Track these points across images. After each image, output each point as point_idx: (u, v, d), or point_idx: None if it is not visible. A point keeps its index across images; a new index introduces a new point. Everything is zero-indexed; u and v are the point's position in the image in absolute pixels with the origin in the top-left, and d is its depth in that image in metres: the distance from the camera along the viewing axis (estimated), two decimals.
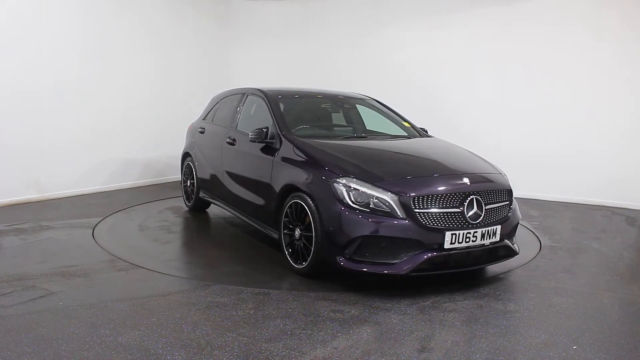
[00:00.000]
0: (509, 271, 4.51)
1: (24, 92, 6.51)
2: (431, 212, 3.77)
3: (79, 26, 7.15)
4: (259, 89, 5.49)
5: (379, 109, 5.74)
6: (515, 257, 4.35)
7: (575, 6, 7.60)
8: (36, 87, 6.65)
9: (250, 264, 4.50)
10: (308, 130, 5.02)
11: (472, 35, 8.30)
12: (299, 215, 4.14)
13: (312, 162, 4.22)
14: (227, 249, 5.01)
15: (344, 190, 3.83)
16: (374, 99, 5.92)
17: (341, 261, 3.80)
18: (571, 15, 7.62)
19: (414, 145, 4.92)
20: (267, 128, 4.75)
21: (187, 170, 6.61)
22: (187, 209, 6.64)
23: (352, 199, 3.80)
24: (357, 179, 3.87)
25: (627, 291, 4.12)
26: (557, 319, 3.50)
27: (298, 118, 5.24)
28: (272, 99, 5.17)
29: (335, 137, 5.01)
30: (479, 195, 3.94)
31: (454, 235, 3.77)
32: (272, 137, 4.71)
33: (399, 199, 3.75)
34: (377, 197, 3.77)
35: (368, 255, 3.76)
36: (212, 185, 5.91)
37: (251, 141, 4.77)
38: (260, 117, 5.16)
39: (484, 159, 4.69)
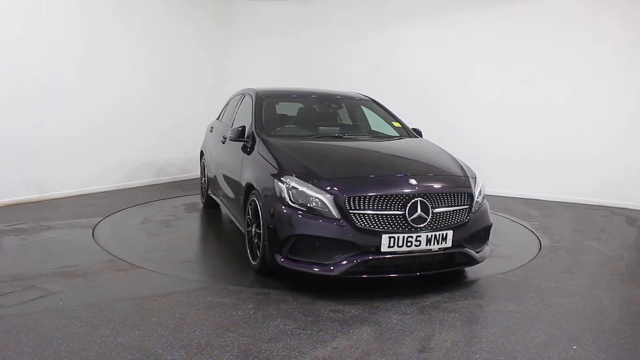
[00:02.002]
0: (509, 271, 4.51)
1: (24, 92, 6.51)
2: (366, 214, 3.65)
3: (78, 25, 7.14)
4: (253, 89, 5.56)
5: (373, 108, 5.71)
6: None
7: (575, 6, 7.60)
8: (36, 87, 6.64)
9: (228, 260, 4.54)
10: (285, 129, 5.07)
11: (472, 35, 8.30)
12: (255, 213, 4.18)
13: (267, 160, 4.25)
14: (217, 246, 5.01)
15: (284, 189, 3.83)
16: (371, 99, 5.86)
17: (280, 259, 3.80)
18: (571, 16, 7.62)
19: (387, 146, 4.83)
20: (243, 127, 4.84)
21: (201, 167, 6.93)
22: (201, 205, 6.86)
23: (292, 198, 3.77)
24: (298, 178, 3.85)
25: (627, 291, 4.12)
26: (557, 319, 3.50)
27: (283, 117, 5.32)
28: (258, 99, 5.23)
29: (310, 137, 4.90)
30: (426, 198, 3.76)
31: (392, 239, 3.61)
32: (249, 136, 4.78)
33: (334, 199, 3.67)
34: (314, 197, 3.72)
35: (303, 254, 3.73)
36: (214, 183, 6.02)
37: (230, 140, 4.88)
38: (249, 117, 5.22)
39: (458, 162, 4.48)
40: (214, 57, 9.73)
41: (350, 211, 3.64)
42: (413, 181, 3.84)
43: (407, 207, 3.69)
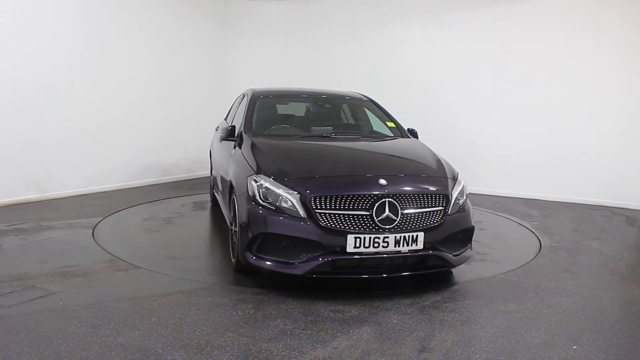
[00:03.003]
0: (509, 271, 4.51)
1: (24, 92, 6.51)
2: (332, 213, 3.62)
3: (78, 25, 7.15)
4: (252, 89, 5.61)
5: (370, 108, 5.67)
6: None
7: (575, 6, 7.60)
8: (36, 87, 6.64)
9: (228, 260, 4.49)
10: (277, 129, 5.10)
11: (472, 35, 8.30)
12: (235, 211, 4.22)
13: (246, 160, 4.27)
14: (218, 246, 5.01)
15: (255, 187, 3.84)
16: (369, 99, 5.79)
17: (250, 257, 3.82)
18: (571, 16, 7.63)
19: (371, 147, 4.80)
20: (233, 126, 4.92)
21: (210, 167, 6.95)
22: (210, 204, 6.90)
23: (262, 196, 3.78)
24: (269, 177, 3.86)
25: (627, 291, 4.12)
26: (557, 319, 3.50)
27: (277, 117, 5.37)
28: (252, 98, 5.29)
29: (299, 137, 4.91)
30: (396, 198, 3.70)
31: (358, 239, 3.57)
32: (238, 136, 4.83)
33: (300, 198, 3.67)
34: (283, 196, 3.72)
35: (271, 253, 3.74)
36: (215, 182, 6.07)
37: (221, 139, 4.96)
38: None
39: (441, 162, 4.37)
40: (214, 57, 9.73)
41: (316, 210, 3.63)
42: (383, 181, 3.78)
43: (375, 208, 3.64)
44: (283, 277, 3.92)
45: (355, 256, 3.61)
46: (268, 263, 3.75)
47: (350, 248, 3.59)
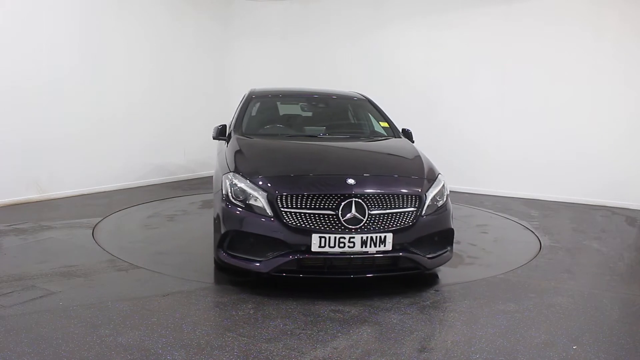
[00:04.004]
0: (509, 271, 4.51)
1: (24, 91, 6.51)
2: (297, 212, 3.62)
3: (78, 25, 7.15)
4: (252, 89, 5.65)
5: (367, 108, 5.63)
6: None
7: (575, 6, 7.60)
8: (36, 87, 6.64)
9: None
10: (268, 129, 5.14)
11: (471, 35, 8.30)
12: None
13: (226, 159, 4.31)
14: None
15: (228, 185, 3.89)
16: (366, 99, 5.75)
17: (222, 254, 3.85)
18: (571, 16, 7.62)
19: (353, 147, 4.78)
20: (223, 125, 5.01)
21: None
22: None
23: (233, 194, 3.82)
24: (241, 175, 3.89)
25: (627, 291, 4.12)
26: (557, 319, 3.50)
27: (270, 117, 5.40)
28: (247, 98, 5.35)
29: (287, 137, 4.94)
30: (363, 198, 3.66)
31: (323, 239, 3.55)
32: (229, 135, 4.89)
33: (267, 197, 3.69)
34: (252, 194, 3.75)
35: (240, 250, 3.78)
36: None
37: (212, 138, 5.02)
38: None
39: (422, 163, 4.27)
40: (214, 57, 9.72)
41: (282, 209, 3.64)
42: (351, 181, 3.74)
43: (341, 208, 3.62)
44: (282, 278, 3.92)
45: (321, 256, 3.60)
46: (237, 260, 3.79)
47: (315, 247, 3.57)
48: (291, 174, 3.93)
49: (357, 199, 3.64)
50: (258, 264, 3.69)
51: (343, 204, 3.62)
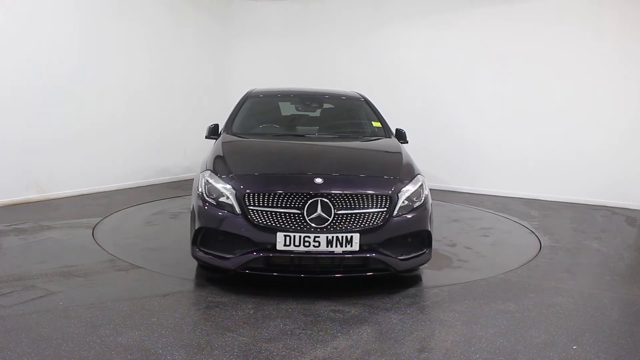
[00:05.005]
0: (509, 271, 4.51)
1: (24, 92, 6.51)
2: (263, 211, 3.65)
3: (78, 25, 7.14)
4: (250, 89, 5.74)
5: (363, 108, 5.58)
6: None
7: (575, 6, 7.60)
8: (36, 87, 6.64)
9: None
10: (256, 129, 5.18)
11: (471, 35, 8.30)
12: None
13: (208, 157, 4.38)
14: None
15: (203, 183, 3.96)
16: (363, 99, 5.68)
17: (195, 250, 3.90)
18: (571, 16, 7.63)
19: (335, 146, 4.75)
20: (216, 125, 5.10)
21: None
22: None
23: (207, 192, 3.88)
24: (215, 173, 3.97)
25: (627, 291, 4.12)
26: (557, 319, 3.50)
27: (264, 116, 5.44)
28: (243, 98, 5.42)
29: (271, 136, 4.99)
30: (330, 198, 3.63)
31: (287, 237, 3.56)
32: (220, 134, 4.98)
33: (236, 195, 3.73)
34: (222, 192, 3.80)
35: (211, 247, 3.82)
36: None
37: (205, 137, 5.11)
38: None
39: (402, 164, 4.22)
40: (214, 57, 9.72)
41: (249, 207, 3.67)
42: (319, 180, 3.73)
43: (306, 207, 3.61)
44: (284, 278, 3.93)
45: (287, 254, 3.62)
46: (207, 256, 3.84)
47: (280, 246, 3.58)
48: (260, 173, 3.99)
49: (323, 199, 3.63)
50: (225, 261, 3.74)
51: (309, 202, 3.62)
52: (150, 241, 5.22)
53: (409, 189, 3.92)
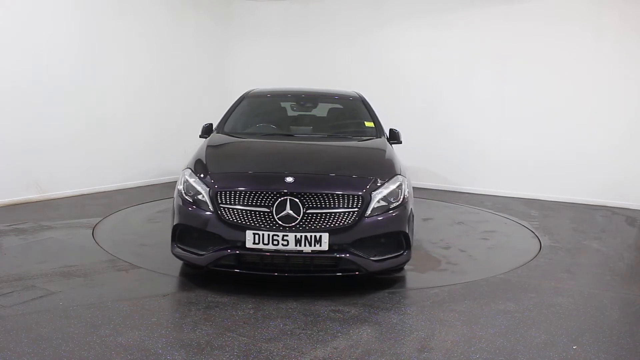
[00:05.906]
0: (509, 271, 4.51)
1: (24, 91, 6.50)
2: (233, 208, 3.69)
3: (78, 24, 7.14)
4: (248, 90, 5.79)
5: (359, 108, 5.54)
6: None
7: (575, 6, 7.60)
8: (36, 87, 6.64)
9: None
10: (250, 128, 5.24)
11: (471, 35, 8.30)
12: None
13: (193, 156, 4.44)
14: None
15: (182, 181, 4.05)
16: (360, 99, 5.64)
17: (173, 247, 3.98)
18: (571, 16, 7.62)
19: (319, 146, 4.74)
20: (210, 124, 5.21)
21: None
22: None
23: (185, 190, 3.97)
24: (193, 172, 4.05)
25: (627, 291, 4.12)
26: (557, 319, 3.50)
27: (257, 116, 5.48)
28: (240, 98, 5.49)
29: (258, 135, 5.05)
30: (299, 197, 3.62)
31: (256, 235, 3.58)
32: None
33: (209, 193, 3.80)
34: (198, 190, 3.87)
35: (187, 244, 3.90)
36: None
37: (199, 136, 5.17)
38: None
39: (379, 163, 4.21)
40: (214, 57, 9.72)
41: (220, 205, 3.73)
42: (289, 179, 3.74)
43: (275, 205, 3.63)
44: (282, 278, 3.94)
45: (256, 252, 3.65)
46: (183, 253, 3.90)
47: (249, 244, 3.61)
48: (234, 171, 4.04)
49: (292, 197, 3.63)
50: (199, 257, 3.79)
51: (278, 201, 3.64)
52: (150, 241, 5.22)
53: (385, 189, 3.86)
